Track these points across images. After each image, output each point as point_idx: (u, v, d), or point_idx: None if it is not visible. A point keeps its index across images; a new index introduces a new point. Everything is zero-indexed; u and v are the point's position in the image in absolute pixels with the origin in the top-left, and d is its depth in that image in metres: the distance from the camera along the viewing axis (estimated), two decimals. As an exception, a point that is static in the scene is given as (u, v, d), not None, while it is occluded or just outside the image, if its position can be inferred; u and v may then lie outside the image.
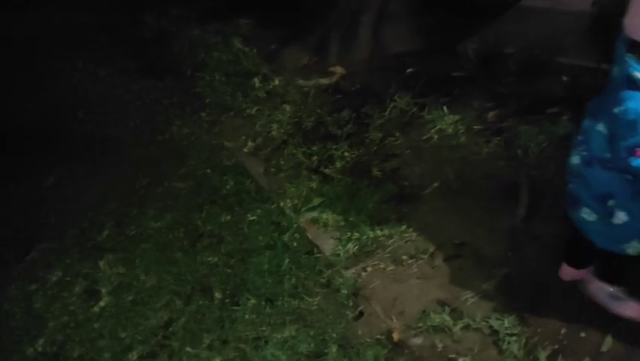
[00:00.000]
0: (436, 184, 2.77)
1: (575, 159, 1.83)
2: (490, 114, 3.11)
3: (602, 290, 2.02)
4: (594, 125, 1.74)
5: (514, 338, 2.04)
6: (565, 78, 3.06)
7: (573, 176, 1.86)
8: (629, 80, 1.53)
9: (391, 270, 2.42)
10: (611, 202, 1.77)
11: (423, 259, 2.42)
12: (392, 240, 2.54)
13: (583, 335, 2.01)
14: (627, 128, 1.56)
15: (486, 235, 2.44)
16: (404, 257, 2.44)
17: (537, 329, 2.06)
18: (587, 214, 1.84)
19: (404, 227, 2.57)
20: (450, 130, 3.07)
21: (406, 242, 2.51)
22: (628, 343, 1.94)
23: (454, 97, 3.22)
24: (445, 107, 3.18)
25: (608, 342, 1.95)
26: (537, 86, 3.10)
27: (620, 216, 1.76)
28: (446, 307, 2.21)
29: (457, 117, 3.12)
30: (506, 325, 2.08)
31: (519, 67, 3.20)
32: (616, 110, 1.57)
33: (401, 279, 2.37)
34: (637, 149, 1.57)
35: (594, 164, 1.76)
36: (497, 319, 2.10)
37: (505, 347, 2.03)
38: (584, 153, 1.79)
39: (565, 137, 2.87)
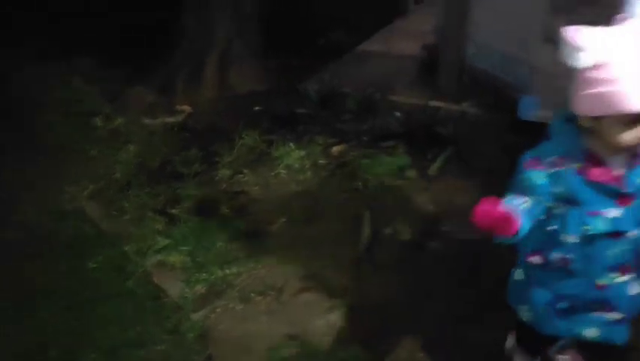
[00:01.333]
0: (284, 219, 2.74)
1: None
2: (334, 149, 3.19)
3: (512, 349, 1.83)
4: None
5: (358, 365, 2.04)
6: (398, 114, 3.24)
7: None
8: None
9: (240, 309, 2.32)
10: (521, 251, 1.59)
11: (271, 295, 2.35)
12: (241, 278, 2.45)
13: (430, 357, 2.05)
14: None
15: (332, 267, 2.45)
16: (253, 295, 2.36)
17: (382, 357, 2.07)
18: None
19: (253, 264, 2.50)
20: (297, 165, 3.09)
21: (255, 279, 2.43)
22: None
23: (300, 134, 3.26)
24: (291, 144, 3.20)
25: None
26: (374, 122, 3.25)
27: (518, 273, 1.60)
28: (295, 342, 2.15)
29: (302, 153, 3.15)
30: (351, 354, 2.07)
31: (356, 105, 3.34)
32: None
33: (250, 317, 2.28)
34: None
35: None
36: (343, 350, 2.09)
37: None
38: None
39: (401, 168, 3.02)
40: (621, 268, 1.40)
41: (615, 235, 1.35)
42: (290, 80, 3.64)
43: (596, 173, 1.33)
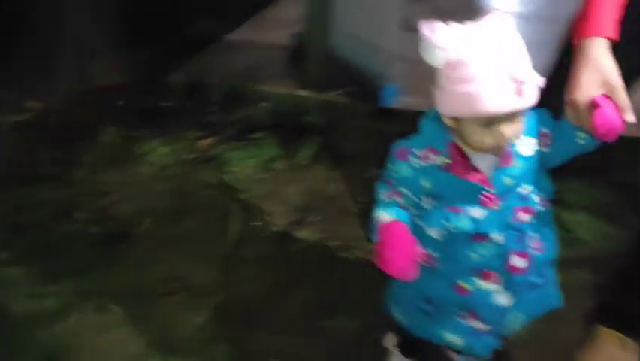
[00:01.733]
0: (149, 219, 2.59)
1: None
2: (201, 143, 3.08)
3: (391, 348, 1.79)
4: None
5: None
6: (266, 105, 3.19)
7: None
8: None
9: (99, 319, 2.15)
10: None
11: (132, 301, 2.21)
12: (101, 286, 2.27)
13: (297, 350, 2.03)
14: None
15: (199, 266, 2.35)
16: (114, 303, 2.20)
17: (251, 351, 2.02)
18: None
19: (113, 270, 2.33)
20: (163, 162, 2.95)
21: (115, 286, 2.27)
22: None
23: (165, 128, 3.10)
24: (156, 140, 3.05)
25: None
26: (242, 113, 3.17)
27: None
28: (160, 348, 2.04)
29: (169, 149, 3.01)
30: (220, 353, 2.00)
31: (223, 96, 3.24)
32: None
33: (110, 327, 2.12)
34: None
35: None
36: (211, 350, 2.01)
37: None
38: None
39: (270, 160, 2.98)
40: (484, 274, 1.35)
41: (478, 236, 1.32)
42: (155, 73, 3.45)
43: (462, 170, 1.29)
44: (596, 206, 2.60)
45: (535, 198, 1.35)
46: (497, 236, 1.32)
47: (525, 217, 1.33)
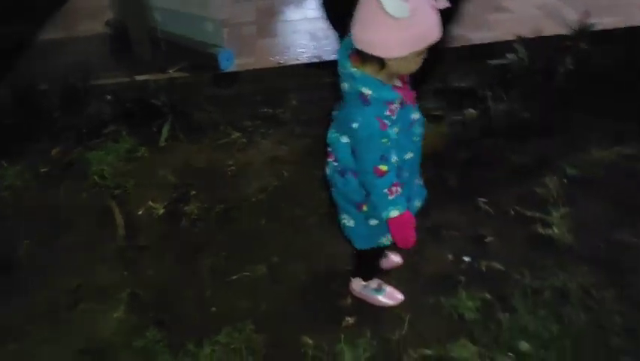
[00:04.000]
0: (27, 241, 2.48)
1: (329, 170, 1.80)
2: (53, 152, 2.95)
3: (362, 287, 2.13)
4: (339, 137, 1.71)
5: (160, 344, 2.05)
6: (109, 97, 3.11)
7: (331, 185, 1.84)
8: (360, 95, 1.55)
9: (16, 349, 2.09)
10: (365, 208, 1.77)
11: (45, 321, 2.16)
12: (6, 317, 2.18)
13: (214, 309, 2.17)
14: (363, 144, 1.58)
15: (99, 268, 2.34)
16: (28, 327, 2.13)
17: (177, 327, 2.11)
18: (347, 220, 1.85)
19: (16, 299, 2.23)
20: (19, 182, 2.79)
21: (22, 313, 2.18)
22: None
23: (5, 148, 2.91)
24: (3, 162, 2.86)
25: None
26: (87, 112, 3.06)
27: (373, 222, 1.80)
28: (88, 354, 2.04)
29: (18, 168, 2.85)
30: (149, 338, 2.07)
31: (60, 99, 3.09)
32: (353, 125, 1.57)
33: (32, 349, 2.06)
34: (377, 167, 1.59)
35: (347, 173, 1.73)
36: (139, 339, 2.07)
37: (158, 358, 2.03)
38: (335, 164, 1.76)
39: (130, 150, 2.95)
40: (420, 138, 1.75)
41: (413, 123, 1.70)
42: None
43: (408, 97, 1.65)
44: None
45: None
46: (417, 115, 1.73)
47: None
